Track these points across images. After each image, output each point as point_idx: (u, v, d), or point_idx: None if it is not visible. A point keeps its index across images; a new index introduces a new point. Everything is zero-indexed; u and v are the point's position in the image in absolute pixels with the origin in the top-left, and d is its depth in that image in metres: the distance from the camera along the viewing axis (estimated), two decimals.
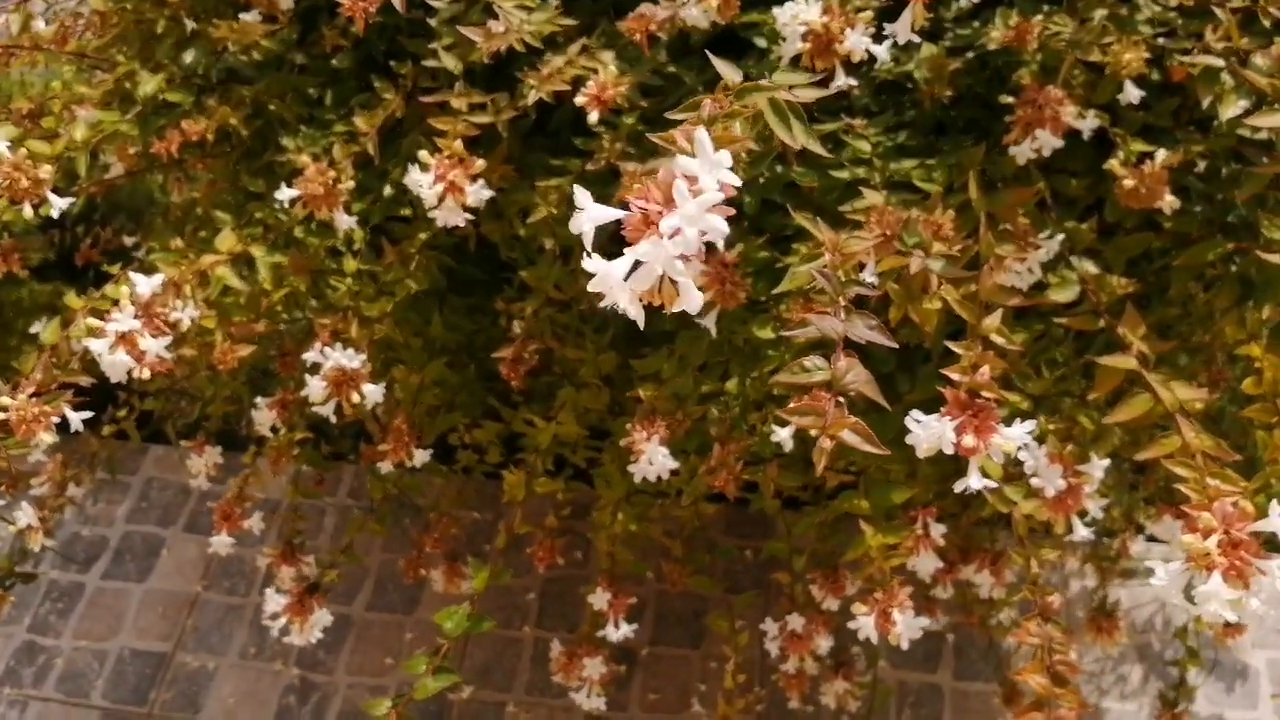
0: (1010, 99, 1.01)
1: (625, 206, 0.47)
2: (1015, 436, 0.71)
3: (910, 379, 1.16)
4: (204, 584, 2.05)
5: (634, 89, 0.99)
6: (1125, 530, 1.76)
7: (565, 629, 1.97)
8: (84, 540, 2.13)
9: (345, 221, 1.08)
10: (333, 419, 1.04)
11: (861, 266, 0.79)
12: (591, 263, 0.46)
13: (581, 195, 0.46)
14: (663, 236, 0.43)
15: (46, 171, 1.03)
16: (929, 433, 0.69)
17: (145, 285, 0.90)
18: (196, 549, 2.11)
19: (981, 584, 1.34)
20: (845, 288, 0.61)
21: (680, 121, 0.64)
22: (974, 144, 1.10)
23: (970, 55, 1.04)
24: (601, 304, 1.21)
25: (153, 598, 2.04)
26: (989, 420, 0.70)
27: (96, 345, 0.87)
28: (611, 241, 0.51)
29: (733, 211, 0.45)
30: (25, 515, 1.16)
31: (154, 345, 0.89)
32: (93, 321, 0.88)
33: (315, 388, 1.01)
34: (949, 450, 0.69)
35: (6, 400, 0.95)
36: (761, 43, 1.10)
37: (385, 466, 1.21)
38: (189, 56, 1.19)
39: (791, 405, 0.53)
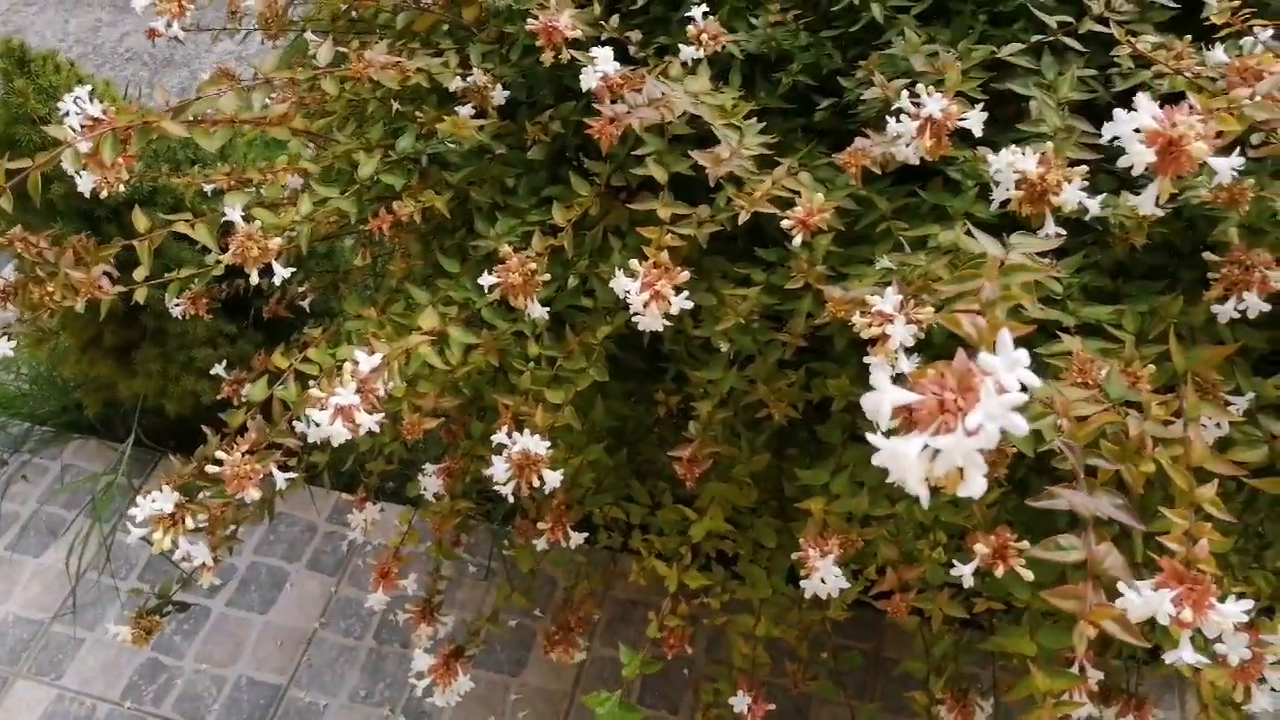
0: (1211, 255, 1.01)
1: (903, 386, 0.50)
2: (1232, 614, 0.71)
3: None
4: (321, 622, 2.12)
5: (834, 213, 1.02)
6: None
7: (666, 708, 1.98)
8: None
9: (538, 311, 1.13)
10: (510, 499, 1.09)
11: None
12: (883, 442, 0.49)
13: (880, 376, 0.49)
14: (966, 431, 0.46)
15: (276, 243, 1.11)
16: (1145, 603, 0.69)
17: (366, 364, 0.96)
18: (318, 586, 2.18)
19: None
20: (1084, 457, 0.62)
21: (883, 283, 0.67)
22: (1162, 291, 1.10)
23: (1170, 207, 1.05)
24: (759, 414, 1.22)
25: (272, 630, 2.11)
26: (1206, 595, 0.70)
27: (318, 416, 0.93)
28: None
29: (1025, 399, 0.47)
30: (201, 553, 1.23)
31: (368, 421, 0.95)
32: (316, 393, 0.95)
33: (500, 469, 1.06)
34: (1163, 621, 0.70)
35: (223, 455, 1.02)
36: (954, 175, 1.13)
37: (541, 544, 1.25)
38: (403, 142, 1.27)
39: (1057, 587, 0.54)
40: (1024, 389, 0.46)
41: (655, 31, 1.32)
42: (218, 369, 1.54)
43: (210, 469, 1.00)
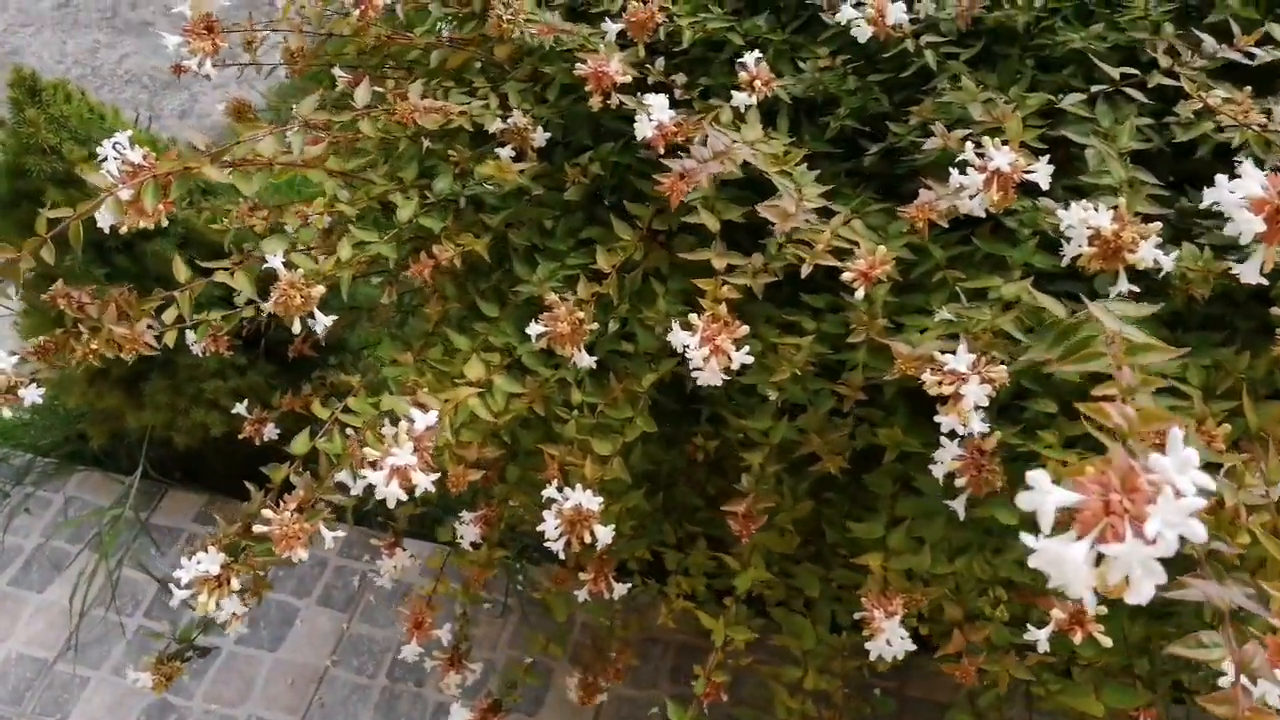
0: (1278, 310, 1.00)
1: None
2: None
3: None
4: (333, 659, 2.07)
5: (893, 264, 1.00)
6: None
7: None
8: None
9: (585, 360, 1.11)
10: (561, 555, 1.06)
11: None
12: (1044, 544, 0.47)
13: (1041, 476, 0.47)
14: (1146, 540, 0.43)
15: (318, 291, 1.08)
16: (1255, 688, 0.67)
17: (421, 421, 0.93)
18: (329, 622, 2.13)
19: None
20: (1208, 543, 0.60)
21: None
22: (1221, 342, 1.09)
23: (1232, 257, 1.04)
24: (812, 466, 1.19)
25: (283, 668, 2.07)
26: None
27: (374, 477, 0.90)
28: None
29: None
30: (233, 604, 1.19)
31: (424, 480, 0.92)
32: (370, 452, 0.92)
33: (550, 525, 1.03)
34: (1274, 703, 0.67)
35: (271, 514, 0.98)
36: (1010, 224, 1.11)
37: (582, 595, 1.22)
38: (441, 183, 1.24)
39: (1209, 694, 0.52)
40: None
41: (696, 72, 1.30)
42: (239, 408, 1.50)
43: (258, 528, 0.96)
